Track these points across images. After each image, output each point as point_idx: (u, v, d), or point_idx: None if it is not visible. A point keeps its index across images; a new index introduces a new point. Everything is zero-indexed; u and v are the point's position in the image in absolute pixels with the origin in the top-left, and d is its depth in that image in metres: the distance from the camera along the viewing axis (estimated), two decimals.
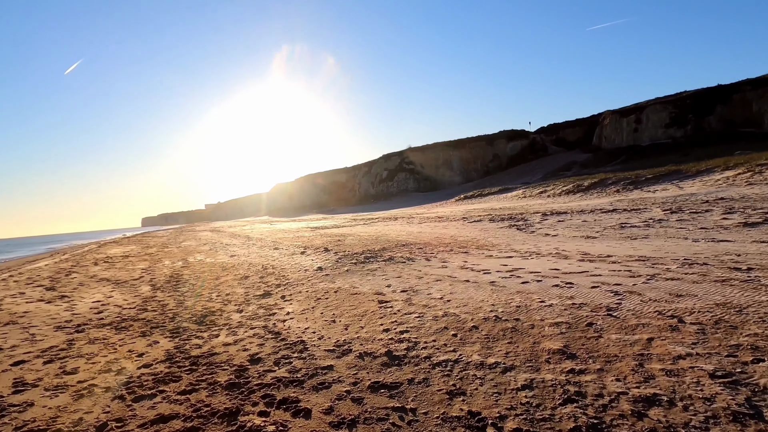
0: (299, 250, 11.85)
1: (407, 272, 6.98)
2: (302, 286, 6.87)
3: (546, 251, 7.86)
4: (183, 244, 20.09)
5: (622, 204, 15.79)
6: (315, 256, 10.18)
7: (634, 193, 20.32)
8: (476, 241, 10.42)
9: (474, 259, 7.71)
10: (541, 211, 16.43)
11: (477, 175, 67.67)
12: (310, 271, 8.09)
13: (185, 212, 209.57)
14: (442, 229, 14.47)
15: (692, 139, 43.72)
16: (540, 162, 58.01)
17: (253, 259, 11.36)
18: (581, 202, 19.97)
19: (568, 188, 25.77)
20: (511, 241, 9.91)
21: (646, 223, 10.49)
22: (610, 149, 49.84)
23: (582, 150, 57.07)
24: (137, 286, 8.59)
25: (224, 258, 12.40)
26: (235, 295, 6.79)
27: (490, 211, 20.71)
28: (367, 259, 8.62)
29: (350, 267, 8.04)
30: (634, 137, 49.96)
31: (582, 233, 10.08)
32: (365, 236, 14.13)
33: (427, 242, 10.92)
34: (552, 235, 10.37)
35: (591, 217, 13.05)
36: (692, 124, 46.14)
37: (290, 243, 14.22)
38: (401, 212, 32.92)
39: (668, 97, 50.30)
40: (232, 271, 9.55)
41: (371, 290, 5.92)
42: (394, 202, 59.79)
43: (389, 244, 10.98)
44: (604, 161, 44.18)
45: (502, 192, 34.69)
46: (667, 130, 47.69)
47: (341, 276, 7.30)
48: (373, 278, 6.80)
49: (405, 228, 16.58)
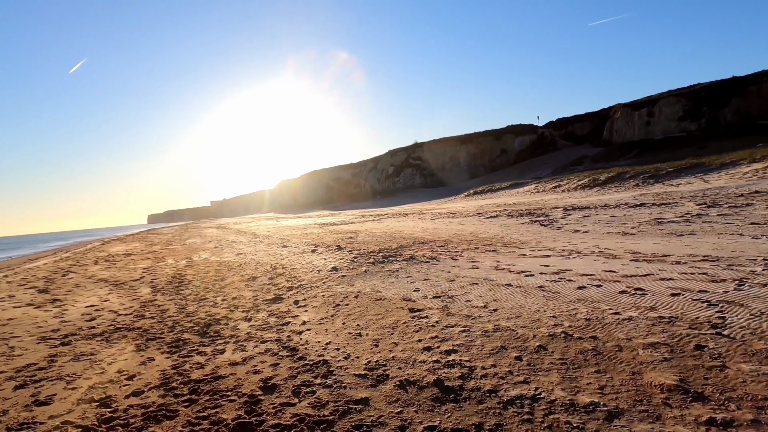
0: (309, 248, 11.13)
1: (435, 274, 6.23)
2: (317, 290, 6.14)
3: (586, 249, 7.09)
4: (188, 242, 19.44)
5: (647, 198, 14.97)
6: (327, 254, 9.46)
7: (656, 187, 19.46)
8: (500, 238, 9.66)
9: (506, 258, 6.95)
10: (561, 206, 15.63)
11: (485, 171, 66.71)
12: (323, 272, 7.36)
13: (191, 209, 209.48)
14: (458, 226, 13.71)
15: (707, 132, 42.68)
16: (549, 157, 57.01)
17: (260, 257, 10.65)
18: (601, 196, 19.14)
19: (584, 183, 24.94)
20: (540, 238, 9.15)
21: (685, 219, 9.69)
22: (622, 143, 48.82)
23: (592, 144, 56.01)
24: (136, 288, 7.89)
25: (230, 257, 11.70)
26: (242, 300, 6.07)
27: (505, 206, 19.92)
28: (386, 259, 7.88)
29: (368, 267, 7.30)
30: (646, 131, 48.88)
31: (616, 229, 9.30)
32: (378, 233, 13.39)
33: (447, 239, 10.17)
34: (582, 231, 9.59)
35: (618, 212, 12.25)
36: (707, 117, 45.02)
37: (299, 240, 13.51)
38: (410, 208, 32.17)
39: (681, 89, 49.13)
40: (238, 271, 8.84)
41: (397, 295, 5.19)
42: (400, 198, 59.02)
43: (406, 242, 10.24)
44: (617, 155, 43.22)
45: (513, 187, 33.85)
46: (680, 123, 46.60)
47: (360, 278, 6.56)
48: (396, 281, 6.06)
49: (418, 224, 15.84)
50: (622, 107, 53.40)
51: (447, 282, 5.58)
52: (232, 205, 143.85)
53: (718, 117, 44.82)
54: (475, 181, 59.14)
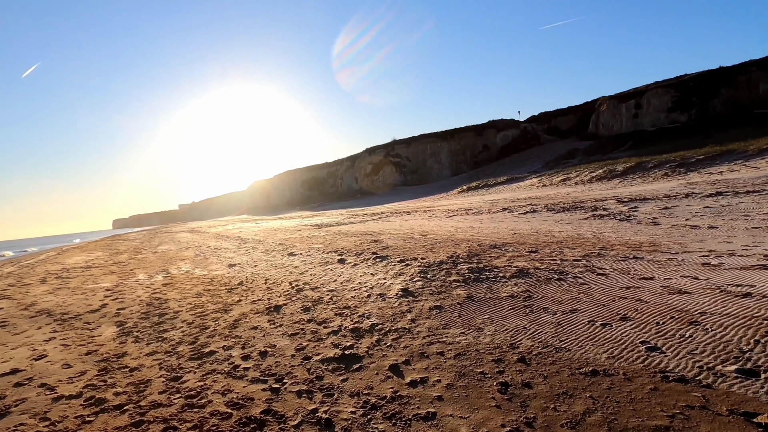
0: (330, 256, 8.50)
1: (624, 305, 3.75)
2: (414, 339, 3.58)
3: None
4: (160, 249, 16.42)
5: (703, 188, 12.88)
6: (367, 266, 6.88)
7: (693, 175, 17.51)
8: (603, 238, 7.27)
9: (708, 274, 4.53)
10: (606, 199, 13.42)
11: (467, 167, 64.94)
12: (392, 299, 4.79)
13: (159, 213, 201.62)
14: (495, 223, 11.31)
15: (698, 123, 41.81)
16: (534, 151, 55.41)
17: (265, 270, 7.98)
18: (640, 187, 17.05)
19: (599, 174, 22.97)
20: (654, 237, 6.80)
21: None
22: (611, 136, 47.56)
23: (578, 138, 54.73)
24: (94, 328, 5.15)
25: (220, 268, 8.98)
26: (279, 358, 3.49)
27: (529, 200, 17.64)
28: (477, 274, 5.36)
29: (464, 290, 4.76)
30: (634, 123, 47.72)
31: (749, 223, 7.02)
32: (404, 235, 10.85)
33: (515, 242, 7.73)
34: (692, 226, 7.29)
35: (697, 201, 10.06)
36: (697, 108, 44.09)
37: (306, 246, 10.83)
38: (404, 206, 29.71)
39: (669, 80, 48.17)
40: (243, 293, 6.19)
41: (648, 366, 2.69)
42: (382, 197, 56.55)
43: (465, 246, 7.75)
44: (610, 148, 41.79)
45: (511, 182, 31.80)
46: (669, 114, 45.57)
47: (474, 312, 4.03)
48: (566, 321, 3.56)
49: (440, 223, 13.37)
50: (608, 100, 52.27)
51: (680, 324, 3.10)
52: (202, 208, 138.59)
53: (708, 107, 43.96)
54: (460, 177, 57.22)
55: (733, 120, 38.75)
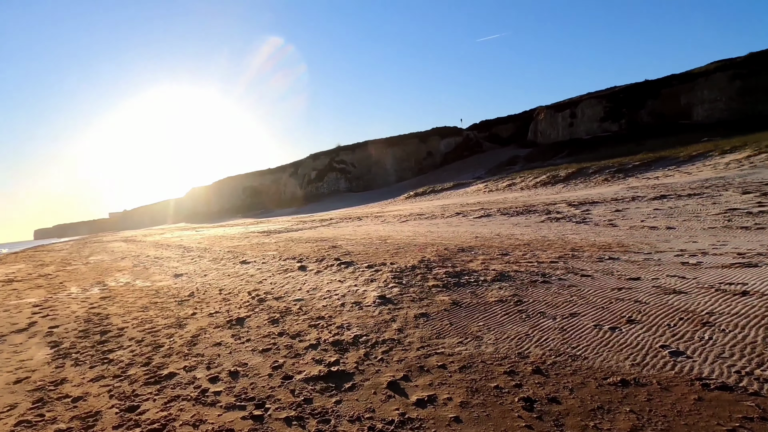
0: (289, 263, 8.01)
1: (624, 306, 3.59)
2: (408, 352, 3.26)
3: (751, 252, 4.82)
4: (92, 260, 15.15)
5: (646, 191, 13.46)
6: (331, 272, 6.48)
7: (632, 180, 18.34)
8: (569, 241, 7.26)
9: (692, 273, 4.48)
10: (556, 202, 13.72)
11: (411, 173, 65.48)
12: (370, 307, 4.44)
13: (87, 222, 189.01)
14: (453, 227, 11.22)
15: (628, 132, 44.37)
16: (477, 158, 56.71)
17: (218, 280, 7.38)
18: (585, 191, 17.62)
19: (543, 179, 23.67)
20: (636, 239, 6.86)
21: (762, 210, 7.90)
22: (550, 143, 49.50)
23: (518, 145, 56.54)
24: (22, 350, 4.46)
25: (165, 279, 8.26)
26: (257, 380, 3.06)
27: (475, 205, 17.80)
28: (454, 277, 5.11)
29: (448, 296, 4.48)
30: (570, 131, 49.95)
31: (704, 224, 7.25)
32: (363, 240, 10.52)
33: (480, 245, 7.60)
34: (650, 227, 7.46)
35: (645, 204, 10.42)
36: (626, 118, 46.76)
37: (258, 253, 10.24)
38: (352, 212, 29.36)
39: (601, 92, 50.87)
40: (197, 305, 5.62)
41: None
42: (327, 203, 55.92)
43: (431, 251, 7.52)
44: (550, 155, 43.43)
45: (457, 187, 32.24)
46: (602, 123, 48.05)
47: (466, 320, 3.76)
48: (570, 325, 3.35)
49: (397, 228, 13.15)
50: (546, 109, 54.44)
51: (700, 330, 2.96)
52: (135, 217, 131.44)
53: (636, 117, 46.71)
54: (405, 183, 57.59)
55: (659, 129, 41.42)
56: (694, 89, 43.22)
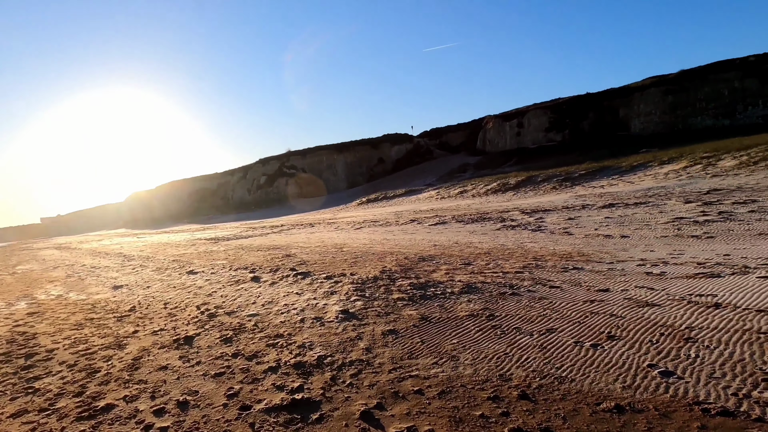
0: (240, 274, 7.56)
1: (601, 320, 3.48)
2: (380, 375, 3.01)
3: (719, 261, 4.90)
4: (20, 269, 13.93)
5: (594, 200, 13.88)
6: (287, 284, 6.12)
7: (579, 189, 18.93)
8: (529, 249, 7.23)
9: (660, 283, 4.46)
10: (508, 210, 13.90)
11: (363, 179, 65.29)
12: (331, 322, 4.15)
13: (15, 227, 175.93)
14: (408, 234, 11.08)
15: (572, 142, 46.17)
16: (428, 165, 57.29)
17: (162, 292, 6.85)
18: (535, 199, 17.99)
19: (493, 187, 24.07)
20: (593, 247, 6.90)
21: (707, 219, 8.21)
22: (498, 152, 50.74)
23: (467, 153, 57.60)
24: None
25: (103, 291, 7.61)
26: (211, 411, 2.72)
27: (429, 212, 17.80)
28: (419, 289, 4.89)
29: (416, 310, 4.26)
30: (517, 140, 51.40)
31: (659, 232, 7.43)
32: (318, 248, 10.17)
33: (443, 254, 7.46)
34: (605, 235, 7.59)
35: (594, 213, 10.69)
36: (569, 129, 48.68)
37: (206, 262, 9.68)
38: (303, 218, 28.79)
39: (546, 102, 52.69)
40: (139, 322, 5.14)
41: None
42: (277, 209, 54.76)
43: (391, 260, 7.30)
44: (498, 162, 44.49)
45: (410, 194, 32.34)
46: (547, 133, 49.76)
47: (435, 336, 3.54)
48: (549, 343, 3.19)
49: (350, 235, 12.87)
50: (494, 118, 55.84)
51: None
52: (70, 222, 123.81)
53: (578, 128, 48.69)
54: (357, 189, 57.31)
55: (599, 140, 43.34)
56: (631, 103, 45.56)
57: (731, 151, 16.98)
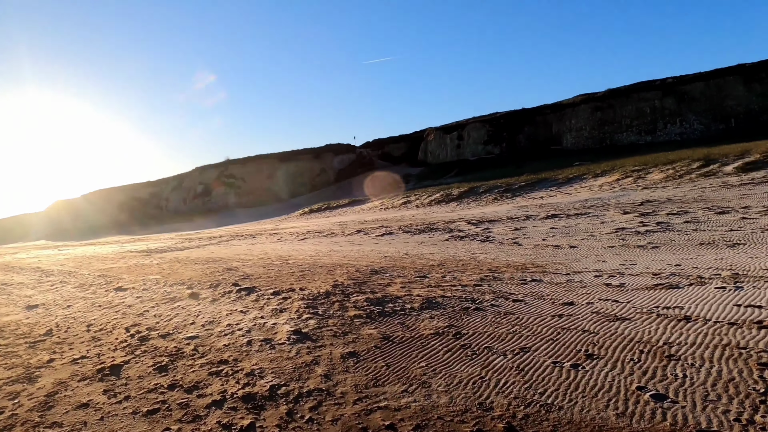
0: (176, 290, 6.93)
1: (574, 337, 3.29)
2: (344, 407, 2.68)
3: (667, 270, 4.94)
4: None
5: (536, 210, 14.19)
6: (230, 301, 5.62)
7: (519, 200, 19.40)
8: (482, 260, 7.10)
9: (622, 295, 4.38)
10: (453, 220, 13.93)
11: (305, 189, 64.36)
12: (283, 344, 3.76)
13: None
14: (356, 246, 10.78)
15: (509, 155, 47.81)
16: (370, 176, 57.10)
17: (85, 313, 6.13)
18: (479, 209, 18.20)
19: (437, 197, 24.28)
20: (545, 258, 6.87)
21: (647, 229, 8.50)
22: (439, 163, 51.66)
23: (409, 164, 58.26)
24: None
25: (14, 312, 6.74)
26: None
27: (375, 222, 17.59)
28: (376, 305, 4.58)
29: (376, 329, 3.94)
30: (458, 152, 52.62)
31: (606, 242, 7.56)
32: (260, 261, 9.63)
33: (394, 266, 7.21)
34: (554, 246, 7.64)
35: (539, 223, 10.86)
36: (507, 142, 50.41)
37: (137, 277, 8.89)
38: (243, 228, 27.77)
39: (485, 116, 54.38)
40: (56, 348, 4.50)
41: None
42: (215, 219, 52.72)
43: (341, 273, 6.95)
44: (440, 174, 45.20)
45: (354, 204, 32.07)
46: (486, 146, 51.28)
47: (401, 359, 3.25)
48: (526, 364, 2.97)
49: (294, 246, 12.39)
50: (435, 130, 56.92)
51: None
52: None
53: (515, 141, 50.51)
54: (299, 200, 56.35)
55: (534, 153, 45.13)
56: (563, 118, 47.85)
57: (658, 165, 18.01)
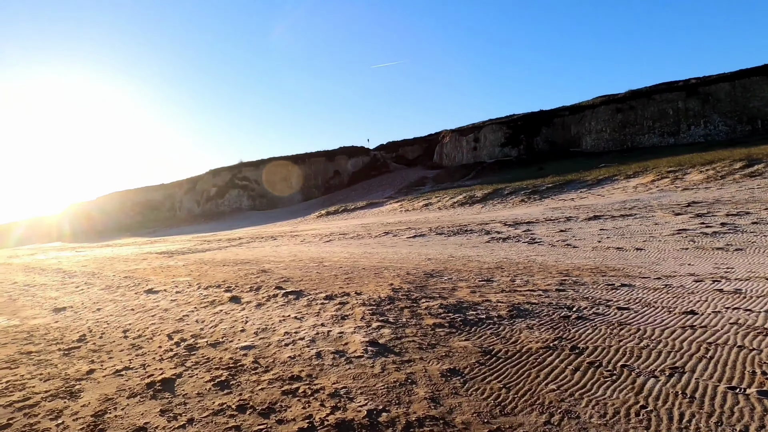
0: (213, 293, 6.47)
1: (727, 355, 2.76)
2: None
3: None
4: None
5: (573, 212, 13.59)
6: (278, 306, 5.14)
7: (548, 201, 18.77)
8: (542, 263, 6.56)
9: (747, 303, 3.82)
10: (480, 222, 13.38)
11: (318, 192, 64.12)
12: (360, 357, 3.26)
13: None
14: (388, 248, 10.29)
15: (527, 157, 47.10)
16: (385, 178, 56.86)
17: (118, 316, 5.69)
18: (509, 211, 17.62)
19: (460, 199, 23.72)
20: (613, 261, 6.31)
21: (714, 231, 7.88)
22: (455, 166, 51.02)
23: (424, 167, 57.71)
24: None
25: (42, 314, 6.32)
26: None
27: (402, 224, 17.07)
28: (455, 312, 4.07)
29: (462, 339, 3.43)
30: (474, 155, 51.95)
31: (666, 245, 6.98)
32: (290, 263, 9.16)
33: (446, 269, 6.69)
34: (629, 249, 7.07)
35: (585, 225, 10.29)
36: (524, 144, 49.68)
37: (166, 279, 8.45)
38: (262, 230, 27.42)
39: (501, 118, 53.66)
40: (94, 357, 4.05)
41: None
42: (229, 222, 52.58)
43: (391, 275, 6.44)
44: (457, 176, 44.57)
45: (371, 206, 31.59)
46: (503, 148, 50.56)
47: (519, 379, 2.74)
48: (705, 394, 2.43)
49: (324, 248, 11.92)
50: (451, 133, 56.33)
51: None
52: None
53: (532, 144, 49.77)
54: (313, 202, 56.06)
55: (554, 155, 44.37)
56: (582, 120, 47.04)
57: (695, 165, 17.30)
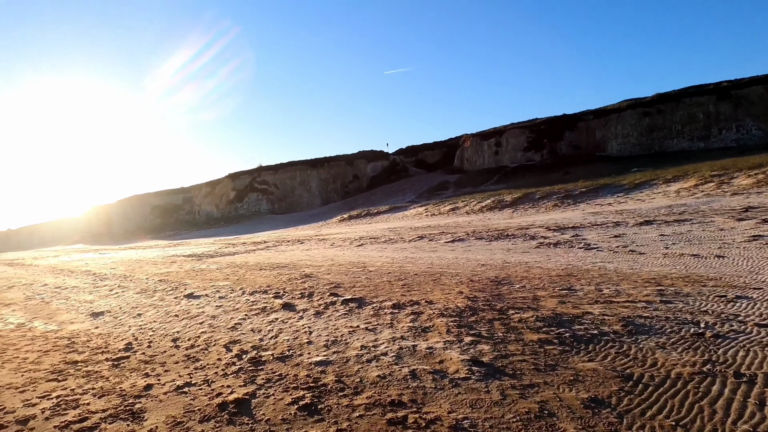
0: (262, 299, 6.06)
1: None
2: None
3: None
4: None
5: (619, 216, 12.96)
6: (340, 315, 4.71)
7: (583, 206, 18.11)
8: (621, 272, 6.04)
9: None
10: (518, 227, 12.82)
11: (337, 196, 63.98)
12: (463, 379, 2.79)
13: None
14: (428, 253, 9.82)
15: (551, 161, 46.26)
16: (405, 182, 56.46)
17: (163, 323, 5.31)
18: (546, 215, 17.02)
19: (488, 204, 23.15)
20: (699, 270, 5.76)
21: None
22: (477, 170, 50.36)
23: (444, 171, 57.14)
24: None
25: (80, 319, 5.98)
26: None
27: (434, 228, 16.58)
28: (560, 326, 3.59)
29: (584, 358, 2.96)
30: (495, 159, 51.24)
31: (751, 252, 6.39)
32: (329, 267, 8.73)
33: (510, 276, 6.20)
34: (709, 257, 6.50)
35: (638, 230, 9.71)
36: (547, 148, 48.85)
37: (204, 283, 8.08)
38: (282, 234, 27.15)
39: (523, 122, 52.92)
40: (148, 369, 3.66)
41: None
42: (248, 225, 52.56)
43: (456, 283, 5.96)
44: (480, 181, 43.94)
45: (395, 210, 31.14)
46: (525, 153, 49.81)
47: (691, 415, 2.25)
48: None
49: (361, 253, 11.50)
50: (472, 137, 55.68)
51: None
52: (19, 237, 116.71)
53: (556, 148, 48.93)
54: (332, 206, 55.85)
55: (578, 159, 43.47)
56: (608, 124, 46.11)
57: (743, 169, 16.52)
